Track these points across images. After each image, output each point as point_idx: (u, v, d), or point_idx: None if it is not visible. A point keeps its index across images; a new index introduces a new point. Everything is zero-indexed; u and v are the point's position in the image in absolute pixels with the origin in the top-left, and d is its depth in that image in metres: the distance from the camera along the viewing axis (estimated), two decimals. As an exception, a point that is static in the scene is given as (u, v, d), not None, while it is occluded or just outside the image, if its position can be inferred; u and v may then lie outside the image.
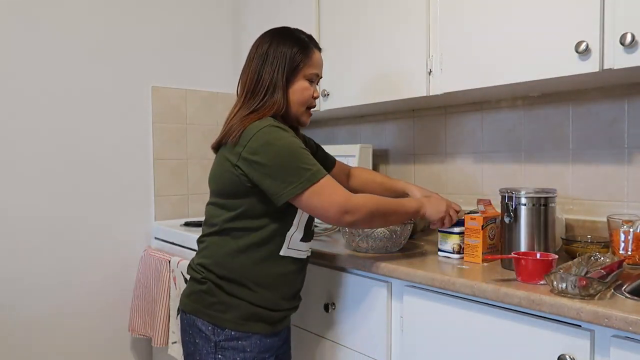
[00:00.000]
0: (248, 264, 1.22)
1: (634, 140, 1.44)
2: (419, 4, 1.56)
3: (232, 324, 1.21)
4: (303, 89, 1.27)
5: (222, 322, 1.21)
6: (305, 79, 1.27)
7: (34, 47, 1.94)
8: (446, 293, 1.19)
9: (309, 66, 1.27)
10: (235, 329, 1.21)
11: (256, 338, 1.23)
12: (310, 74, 1.28)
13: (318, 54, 1.31)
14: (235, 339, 1.21)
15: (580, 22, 1.20)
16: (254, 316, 1.22)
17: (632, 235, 1.20)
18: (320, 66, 1.32)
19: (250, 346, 1.22)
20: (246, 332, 1.22)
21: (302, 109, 1.29)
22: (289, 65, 1.25)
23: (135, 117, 2.20)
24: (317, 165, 1.17)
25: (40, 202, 1.97)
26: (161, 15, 2.26)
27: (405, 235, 1.45)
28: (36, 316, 1.97)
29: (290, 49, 1.25)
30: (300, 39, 1.28)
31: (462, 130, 1.87)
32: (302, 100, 1.28)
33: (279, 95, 1.24)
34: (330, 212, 1.15)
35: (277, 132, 1.16)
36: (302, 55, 1.26)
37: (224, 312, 1.21)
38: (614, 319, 0.88)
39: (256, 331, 1.23)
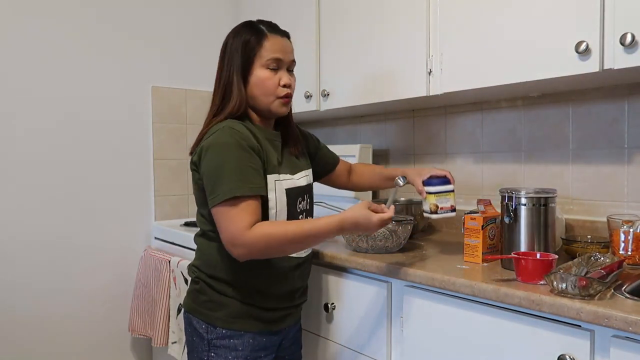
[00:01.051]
0: (232, 264, 1.20)
1: (634, 140, 1.44)
2: (419, 4, 1.56)
3: (222, 322, 1.21)
4: (264, 79, 1.20)
5: (213, 321, 1.22)
6: (264, 67, 1.20)
7: (34, 47, 1.94)
8: (446, 293, 1.19)
9: (265, 53, 1.20)
10: (227, 327, 1.21)
11: (249, 336, 1.22)
12: (268, 61, 1.20)
13: (277, 38, 1.22)
14: (227, 337, 1.21)
15: (580, 22, 1.20)
16: (245, 314, 1.22)
17: (632, 235, 1.20)
18: (282, 50, 1.22)
19: (243, 345, 1.21)
20: (238, 331, 1.21)
21: (271, 99, 1.22)
22: (242, 59, 1.20)
23: (135, 117, 2.20)
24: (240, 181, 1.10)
25: (40, 202, 1.97)
26: (161, 16, 2.26)
27: (405, 235, 1.45)
28: (36, 316, 1.97)
29: (242, 41, 1.20)
30: (255, 28, 1.22)
31: (462, 130, 1.87)
32: (266, 91, 1.21)
33: (235, 93, 1.20)
34: (222, 238, 1.12)
35: (223, 137, 1.13)
36: (255, 44, 1.20)
37: (215, 311, 1.22)
38: (614, 319, 0.88)
39: (248, 329, 1.22)
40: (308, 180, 1.34)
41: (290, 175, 1.25)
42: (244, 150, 1.13)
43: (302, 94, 2.00)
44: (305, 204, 1.32)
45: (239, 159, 1.12)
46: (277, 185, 1.21)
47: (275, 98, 1.22)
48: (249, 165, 1.12)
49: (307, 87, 1.99)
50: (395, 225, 1.41)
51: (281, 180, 1.22)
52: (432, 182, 1.30)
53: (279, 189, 1.21)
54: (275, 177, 1.21)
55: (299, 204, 1.28)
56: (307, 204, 1.32)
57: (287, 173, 1.25)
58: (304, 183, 1.31)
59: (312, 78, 1.97)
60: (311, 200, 1.36)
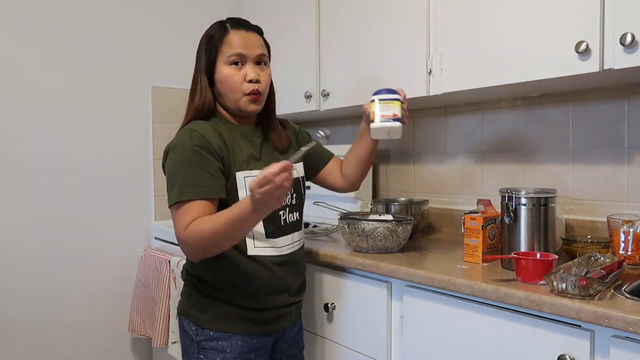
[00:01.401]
0: (215, 265, 1.19)
1: (634, 140, 1.44)
2: (419, 4, 1.56)
3: (210, 324, 1.20)
4: (227, 76, 1.18)
5: (201, 322, 1.21)
6: (227, 64, 1.18)
7: (33, 47, 1.94)
8: (446, 293, 1.19)
9: (227, 49, 1.17)
10: (214, 329, 1.20)
11: (237, 338, 1.20)
12: (230, 57, 1.17)
13: (239, 33, 1.19)
14: (215, 339, 1.20)
15: (580, 22, 1.20)
16: (231, 315, 1.20)
17: (632, 235, 1.20)
18: (244, 45, 1.18)
19: (231, 347, 1.19)
20: (225, 332, 1.20)
21: (238, 96, 1.19)
22: (206, 57, 1.20)
23: (135, 117, 2.20)
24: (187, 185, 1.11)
25: (39, 202, 1.97)
26: (161, 16, 2.26)
27: (405, 235, 1.45)
28: (36, 316, 1.96)
29: (206, 40, 1.20)
30: (220, 24, 1.21)
31: (462, 130, 1.87)
32: (231, 89, 1.19)
33: (199, 93, 1.20)
34: (175, 233, 1.13)
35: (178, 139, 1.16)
36: (217, 41, 1.18)
37: (202, 312, 1.21)
38: (614, 319, 0.88)
39: (236, 331, 1.20)
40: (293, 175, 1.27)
41: None
42: (198, 154, 1.12)
43: (302, 94, 2.00)
44: (290, 198, 1.27)
45: (191, 163, 1.12)
46: (248, 182, 1.17)
47: (242, 95, 1.19)
48: (200, 168, 1.12)
49: (307, 87, 1.99)
50: (395, 225, 1.41)
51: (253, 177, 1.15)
52: (379, 91, 1.23)
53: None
54: (245, 174, 1.18)
55: None
56: (292, 198, 1.28)
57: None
58: None
59: (312, 78, 1.97)
60: (300, 195, 1.31)
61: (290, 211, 1.28)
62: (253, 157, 1.22)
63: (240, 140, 1.22)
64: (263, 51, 1.23)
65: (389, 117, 1.18)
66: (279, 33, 2.13)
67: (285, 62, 2.10)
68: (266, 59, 1.24)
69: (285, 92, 2.09)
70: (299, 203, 1.32)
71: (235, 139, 1.21)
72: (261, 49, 1.22)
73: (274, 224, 1.23)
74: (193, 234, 1.09)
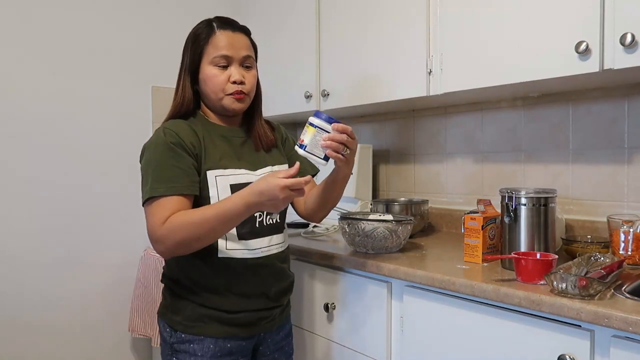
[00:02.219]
0: (187, 266, 1.18)
1: (634, 140, 1.44)
2: (419, 4, 1.56)
3: (181, 326, 1.18)
4: (211, 77, 1.17)
5: (174, 324, 1.19)
6: (212, 65, 1.17)
7: (33, 47, 1.94)
8: (446, 293, 1.19)
9: (212, 50, 1.17)
10: (185, 331, 1.17)
11: (209, 342, 1.17)
12: (215, 59, 1.17)
13: (226, 34, 1.18)
14: (187, 342, 1.17)
15: (580, 22, 1.20)
16: (204, 318, 1.17)
17: (632, 235, 1.20)
18: (230, 46, 1.17)
19: (202, 350, 1.16)
20: (197, 335, 1.17)
21: (220, 95, 1.18)
22: (190, 56, 1.20)
23: (135, 117, 2.20)
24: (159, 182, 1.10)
25: (39, 202, 1.96)
26: (161, 15, 2.26)
27: (405, 235, 1.45)
28: (36, 316, 1.96)
29: (192, 39, 1.20)
30: (207, 24, 1.20)
31: (462, 130, 1.87)
32: (214, 89, 1.18)
33: (180, 92, 1.22)
34: (147, 227, 1.11)
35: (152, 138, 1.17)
36: (202, 41, 1.18)
37: (175, 314, 1.19)
38: (614, 319, 0.88)
39: (208, 334, 1.17)
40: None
41: (248, 170, 1.20)
42: (171, 150, 1.12)
43: (302, 94, 2.00)
44: None
45: (163, 159, 1.12)
46: (219, 181, 1.16)
47: (224, 95, 1.19)
48: (173, 164, 1.12)
49: (307, 87, 1.99)
50: (395, 225, 1.41)
51: (226, 176, 1.17)
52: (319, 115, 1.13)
53: (222, 185, 1.16)
54: (218, 173, 1.16)
55: None
56: None
57: (241, 168, 1.20)
58: None
59: (312, 78, 1.97)
60: None
61: (267, 214, 1.23)
62: (229, 157, 1.20)
63: (216, 139, 1.20)
64: (249, 53, 1.21)
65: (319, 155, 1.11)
66: (279, 33, 2.13)
67: (285, 62, 2.10)
68: (252, 61, 1.23)
69: (285, 92, 2.10)
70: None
71: (211, 137, 1.20)
72: (247, 50, 1.21)
73: (247, 226, 1.18)
74: (173, 227, 1.07)
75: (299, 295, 1.60)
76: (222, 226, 1.07)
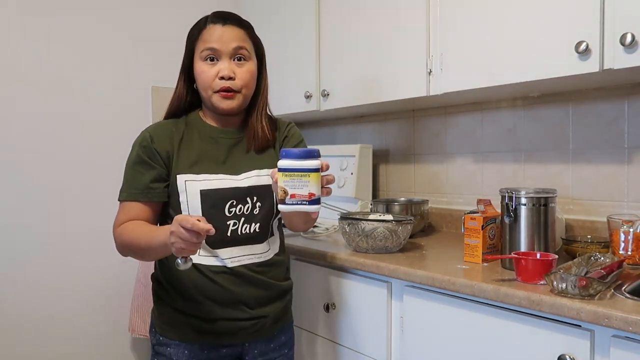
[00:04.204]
0: (165, 269, 1.18)
1: (634, 140, 1.44)
2: (419, 4, 1.56)
3: (160, 329, 1.18)
4: (200, 73, 1.13)
5: (156, 326, 1.20)
6: (201, 60, 1.13)
7: (33, 47, 1.94)
8: (446, 293, 1.19)
9: (201, 44, 1.13)
10: (162, 334, 1.17)
11: (184, 347, 1.14)
12: (203, 53, 1.12)
13: (215, 27, 1.13)
14: (164, 345, 1.16)
15: (580, 22, 1.20)
16: (179, 322, 1.15)
17: (632, 235, 1.20)
18: (218, 39, 1.12)
19: (177, 355, 1.14)
20: (172, 339, 1.16)
21: (209, 92, 1.13)
22: (186, 52, 1.18)
23: (135, 117, 2.19)
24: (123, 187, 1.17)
25: (39, 202, 1.96)
26: (161, 16, 2.25)
27: (405, 235, 1.45)
28: (36, 316, 1.96)
29: (188, 35, 1.18)
30: (201, 19, 1.18)
31: (462, 130, 1.87)
32: (203, 85, 1.14)
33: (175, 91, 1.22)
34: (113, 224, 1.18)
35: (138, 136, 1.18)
36: (194, 37, 1.16)
37: (156, 316, 1.21)
38: (614, 319, 0.88)
39: (183, 339, 1.15)
40: (255, 182, 1.17)
41: (228, 175, 1.15)
42: (139, 157, 1.14)
43: (302, 94, 2.00)
44: (245, 208, 1.15)
45: (132, 164, 1.15)
46: (189, 186, 1.12)
47: (212, 92, 1.13)
48: (138, 171, 1.14)
49: (307, 87, 1.99)
50: (395, 225, 1.41)
51: (198, 181, 1.12)
52: (289, 153, 0.91)
53: (191, 191, 1.12)
54: (188, 177, 1.12)
55: (230, 207, 1.14)
56: (248, 208, 1.15)
57: (220, 173, 1.14)
58: (245, 185, 1.15)
59: (312, 78, 1.97)
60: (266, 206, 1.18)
61: (245, 222, 1.15)
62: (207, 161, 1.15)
63: (198, 142, 1.16)
64: (241, 44, 1.13)
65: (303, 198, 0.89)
66: (279, 33, 2.13)
67: (285, 62, 2.10)
68: (245, 53, 1.14)
69: (285, 92, 2.10)
70: (264, 214, 1.18)
71: (191, 140, 1.16)
72: (239, 42, 1.13)
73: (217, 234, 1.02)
74: (120, 234, 1.13)
75: (299, 295, 1.60)
76: (148, 252, 1.09)
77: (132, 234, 1.10)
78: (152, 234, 1.06)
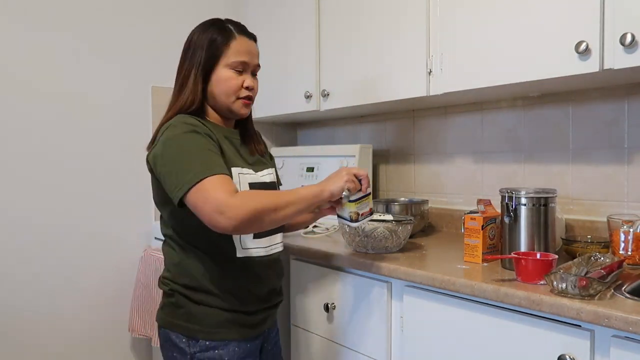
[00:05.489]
0: (204, 270, 1.16)
1: (634, 140, 1.44)
2: (419, 4, 1.56)
3: (204, 334, 1.15)
4: (226, 79, 1.19)
5: (194, 333, 1.15)
6: (228, 68, 1.19)
7: (33, 47, 1.94)
8: (446, 293, 1.19)
9: (231, 54, 1.19)
10: (209, 339, 1.15)
11: (234, 345, 1.17)
12: (234, 63, 1.19)
13: (245, 40, 1.22)
14: (212, 348, 1.15)
15: (580, 22, 1.20)
16: (228, 322, 1.17)
17: (632, 235, 1.20)
18: (249, 53, 1.21)
19: (229, 354, 1.16)
20: (222, 340, 1.16)
21: (232, 99, 1.21)
22: (206, 56, 1.19)
23: (135, 117, 2.20)
24: (208, 164, 1.06)
25: (39, 202, 1.97)
26: (161, 15, 2.26)
27: (405, 235, 1.45)
28: (36, 316, 1.96)
29: (209, 38, 1.20)
30: (223, 27, 1.21)
31: (462, 130, 1.87)
32: (227, 91, 1.20)
33: (190, 89, 1.19)
34: (204, 211, 1.00)
35: (176, 130, 1.11)
36: (221, 44, 1.19)
37: (195, 323, 1.16)
38: (614, 319, 0.88)
39: (233, 337, 1.17)
40: (272, 178, 1.30)
41: (252, 171, 1.22)
42: (202, 137, 1.10)
43: (302, 94, 2.00)
44: None
45: (200, 145, 1.08)
46: (241, 179, 1.16)
47: (236, 98, 1.21)
48: (209, 149, 1.09)
49: (307, 87, 1.99)
50: (395, 225, 1.41)
51: (244, 174, 1.19)
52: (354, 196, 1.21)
53: (243, 183, 1.16)
54: (238, 170, 1.17)
55: None
56: None
57: (249, 168, 1.22)
58: (268, 180, 1.27)
59: (312, 78, 1.97)
60: None
61: None
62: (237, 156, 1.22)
63: (223, 139, 1.20)
64: (259, 62, 1.26)
65: (367, 214, 1.23)
66: (279, 33, 2.13)
67: (285, 62, 2.10)
68: (258, 70, 1.27)
69: (285, 92, 2.10)
70: None
71: (220, 137, 1.20)
72: (258, 59, 1.26)
73: None
74: (247, 195, 1.04)
75: (299, 295, 1.60)
76: (295, 206, 1.07)
77: (266, 194, 1.06)
78: (294, 190, 1.10)
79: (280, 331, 1.39)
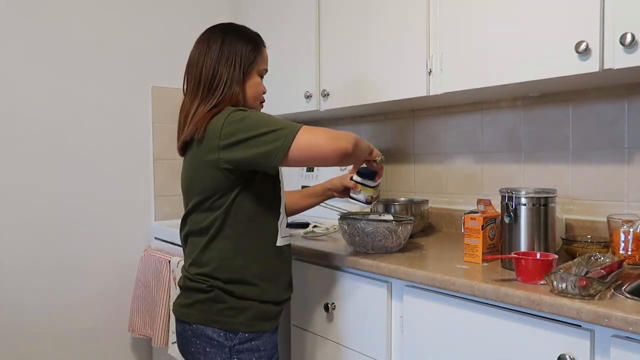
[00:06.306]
0: (249, 262, 1.22)
1: (634, 140, 1.44)
2: (419, 4, 1.56)
3: (244, 327, 1.21)
4: (257, 84, 1.32)
5: (234, 326, 1.20)
6: (258, 74, 1.32)
7: (33, 47, 1.94)
8: (446, 293, 1.19)
9: (261, 62, 1.32)
10: (249, 331, 1.22)
11: (267, 335, 1.26)
12: (262, 70, 1.33)
13: (266, 50, 1.36)
14: (249, 340, 1.22)
15: (580, 22, 1.20)
16: (263, 315, 1.24)
17: (632, 235, 1.20)
18: (267, 62, 1.37)
19: (264, 344, 1.25)
20: (258, 332, 1.24)
21: (257, 102, 1.34)
22: (244, 61, 1.28)
23: (135, 117, 2.20)
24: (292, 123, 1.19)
25: (39, 202, 1.97)
26: (161, 15, 2.26)
27: (405, 235, 1.45)
28: (36, 316, 1.97)
29: (245, 46, 1.29)
30: (251, 36, 1.33)
31: (462, 130, 1.87)
32: (256, 95, 1.33)
33: (237, 89, 1.27)
34: (322, 143, 1.14)
35: (243, 112, 1.19)
36: (255, 52, 1.30)
37: (235, 317, 1.21)
38: (614, 319, 0.88)
39: (266, 329, 1.25)
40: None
41: None
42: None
43: (302, 94, 2.00)
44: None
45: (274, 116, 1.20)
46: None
47: (259, 102, 1.35)
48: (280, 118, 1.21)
49: (307, 87, 1.99)
50: (395, 225, 1.41)
51: None
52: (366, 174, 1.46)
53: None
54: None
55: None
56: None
57: None
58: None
59: (312, 78, 1.97)
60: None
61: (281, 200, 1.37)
62: None
63: None
64: None
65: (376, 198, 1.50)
66: (279, 33, 2.13)
67: (285, 62, 2.10)
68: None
69: (285, 92, 2.10)
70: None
71: None
72: None
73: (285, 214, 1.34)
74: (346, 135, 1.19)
75: (299, 295, 1.60)
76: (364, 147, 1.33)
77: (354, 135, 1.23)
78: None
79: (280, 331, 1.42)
